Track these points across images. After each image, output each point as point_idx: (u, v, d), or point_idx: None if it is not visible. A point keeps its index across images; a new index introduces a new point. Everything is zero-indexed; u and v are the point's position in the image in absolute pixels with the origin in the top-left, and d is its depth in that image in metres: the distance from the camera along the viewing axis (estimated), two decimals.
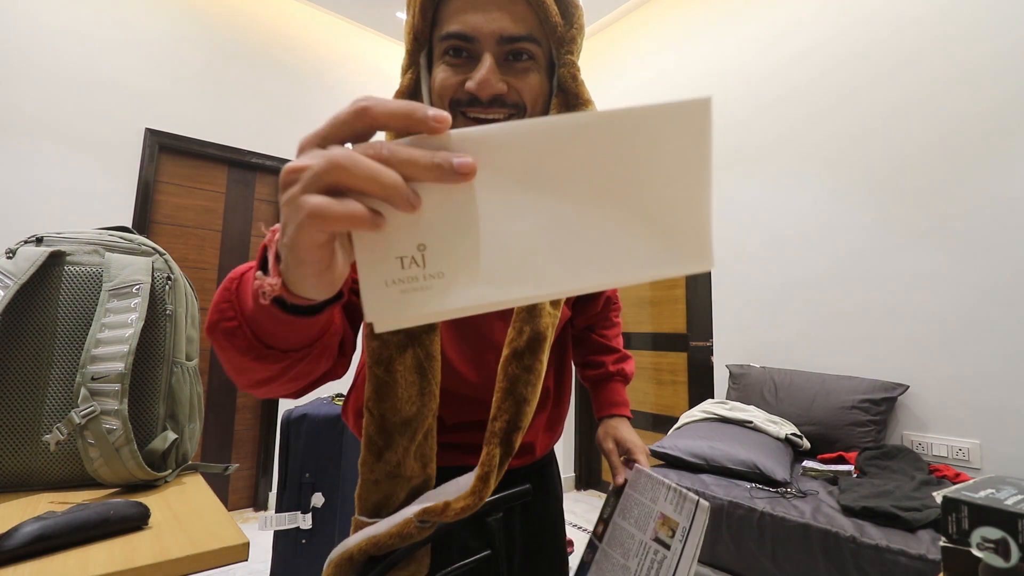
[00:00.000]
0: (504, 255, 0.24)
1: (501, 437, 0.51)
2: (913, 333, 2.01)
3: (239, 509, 2.88)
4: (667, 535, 0.62)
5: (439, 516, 0.48)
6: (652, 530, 0.64)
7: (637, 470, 0.71)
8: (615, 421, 0.81)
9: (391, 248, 0.24)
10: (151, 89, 2.67)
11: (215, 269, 2.89)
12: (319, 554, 1.48)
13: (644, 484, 0.69)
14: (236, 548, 0.58)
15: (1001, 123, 1.87)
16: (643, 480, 0.69)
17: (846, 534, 1.38)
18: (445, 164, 0.23)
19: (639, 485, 0.69)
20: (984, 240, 1.87)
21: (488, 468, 0.50)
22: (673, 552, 0.60)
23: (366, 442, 0.52)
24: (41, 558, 0.52)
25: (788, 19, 2.53)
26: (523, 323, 0.54)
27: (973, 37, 1.95)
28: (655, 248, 0.24)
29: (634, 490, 0.70)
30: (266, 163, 3.03)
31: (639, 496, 0.68)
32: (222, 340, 0.38)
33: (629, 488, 0.71)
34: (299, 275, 0.27)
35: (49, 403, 0.75)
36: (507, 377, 0.53)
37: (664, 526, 0.63)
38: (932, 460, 1.88)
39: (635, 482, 0.70)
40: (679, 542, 0.61)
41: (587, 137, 0.24)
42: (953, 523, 0.54)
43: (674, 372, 3.00)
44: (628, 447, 0.76)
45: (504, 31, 0.48)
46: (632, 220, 0.24)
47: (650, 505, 0.66)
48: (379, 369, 0.51)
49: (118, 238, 0.86)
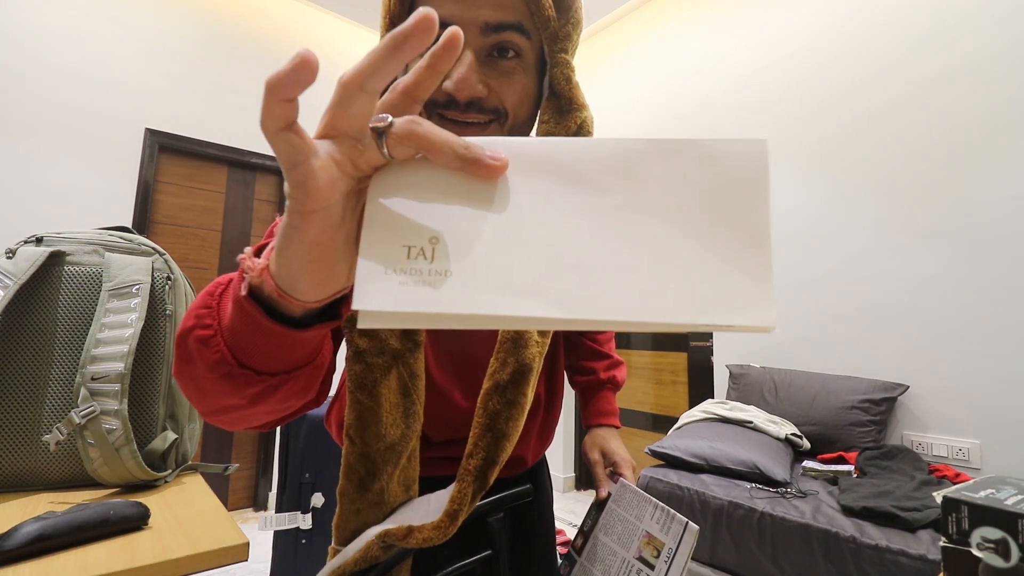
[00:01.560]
0: (522, 265, 0.22)
1: (475, 475, 0.48)
2: (913, 333, 2.01)
3: (239, 509, 2.87)
4: (652, 555, 0.60)
5: (400, 541, 0.46)
6: (636, 548, 0.62)
7: (622, 484, 0.69)
8: (604, 431, 0.79)
9: (401, 232, 0.22)
10: (151, 89, 2.67)
11: (215, 269, 2.89)
12: (319, 554, 1.48)
13: (629, 500, 0.67)
14: (236, 548, 0.58)
15: (1001, 122, 1.86)
16: (628, 496, 0.67)
17: (846, 534, 1.38)
18: (477, 153, 0.22)
19: (624, 500, 0.67)
20: (984, 240, 1.87)
21: (458, 506, 0.47)
22: (658, 572, 0.58)
23: (346, 471, 0.48)
24: (41, 558, 0.52)
25: (785, 17, 2.53)
26: (507, 354, 0.51)
27: (971, 34, 1.95)
28: (704, 292, 0.21)
29: (618, 505, 0.67)
30: (266, 163, 3.03)
31: (623, 512, 0.66)
32: (192, 350, 0.33)
33: (613, 503, 0.68)
34: (292, 252, 0.24)
35: (49, 403, 0.75)
36: (487, 412, 0.50)
37: (649, 545, 0.61)
38: (932, 460, 1.88)
39: (620, 497, 0.68)
40: (664, 563, 0.58)
41: (632, 161, 0.22)
42: (953, 523, 0.54)
43: (674, 372, 3.00)
44: (614, 459, 0.74)
45: (488, 19, 0.43)
46: (678, 257, 0.21)
47: (635, 523, 0.64)
48: (362, 395, 0.47)
49: (118, 238, 0.86)
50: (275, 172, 3.11)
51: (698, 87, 2.91)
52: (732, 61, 2.75)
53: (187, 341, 0.33)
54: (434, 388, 0.56)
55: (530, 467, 0.69)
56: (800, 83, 2.45)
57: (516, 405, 0.50)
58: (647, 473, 1.93)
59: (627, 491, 0.68)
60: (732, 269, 0.21)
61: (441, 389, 0.57)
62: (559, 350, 0.73)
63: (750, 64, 2.67)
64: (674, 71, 3.05)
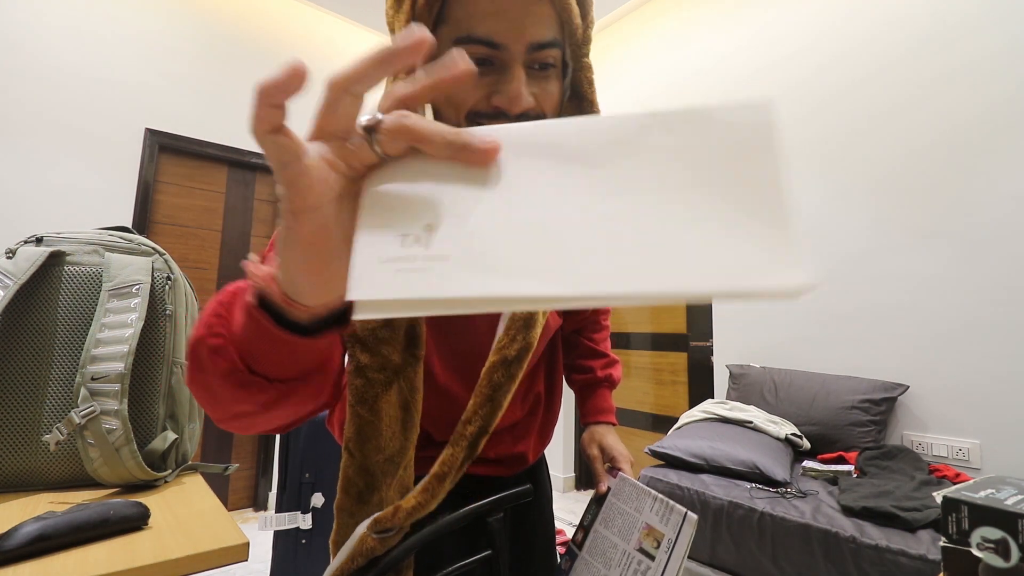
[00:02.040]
0: (519, 245, 0.21)
1: (469, 440, 0.50)
2: (913, 333, 2.01)
3: (239, 509, 2.87)
4: (652, 546, 0.61)
5: (391, 521, 0.46)
6: (636, 540, 0.62)
7: (621, 479, 0.70)
8: (601, 428, 0.80)
9: (395, 221, 0.22)
10: (151, 89, 2.67)
11: (215, 269, 2.89)
12: (319, 554, 1.48)
13: (628, 493, 0.68)
14: (236, 548, 0.58)
15: (1001, 122, 1.86)
16: (627, 489, 0.68)
17: (846, 534, 1.38)
18: (467, 139, 0.22)
19: (623, 494, 0.68)
20: (984, 240, 1.87)
21: (447, 468, 0.48)
22: (658, 563, 0.59)
23: (344, 484, 0.48)
24: (41, 558, 0.52)
25: (785, 17, 2.53)
26: (518, 331, 0.53)
27: (971, 34, 1.95)
28: (715, 258, 0.19)
29: (618, 499, 0.68)
30: (266, 163, 3.02)
31: (623, 505, 0.67)
32: (205, 359, 0.33)
33: (612, 497, 0.69)
34: (290, 253, 0.25)
35: (49, 403, 0.75)
36: (491, 384, 0.52)
37: (649, 536, 0.61)
38: (932, 460, 1.88)
39: (619, 491, 0.69)
40: (664, 553, 0.59)
41: (629, 135, 0.21)
42: (953, 523, 0.54)
43: (674, 372, 3.00)
44: (613, 455, 0.75)
45: (535, 39, 0.44)
46: (684, 227, 0.20)
47: (634, 515, 0.65)
48: (363, 409, 0.47)
49: (118, 238, 0.86)
50: None
51: (698, 87, 2.91)
52: (732, 61, 2.75)
53: (199, 350, 0.33)
54: (437, 388, 0.56)
55: (530, 466, 0.69)
56: (800, 83, 2.45)
57: (514, 379, 0.52)
58: (647, 473, 1.93)
59: (626, 484, 0.69)
60: (746, 233, 0.19)
61: (444, 389, 0.57)
62: (558, 349, 0.73)
63: (750, 64, 2.67)
64: (674, 71, 3.05)
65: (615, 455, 0.75)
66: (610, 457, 0.75)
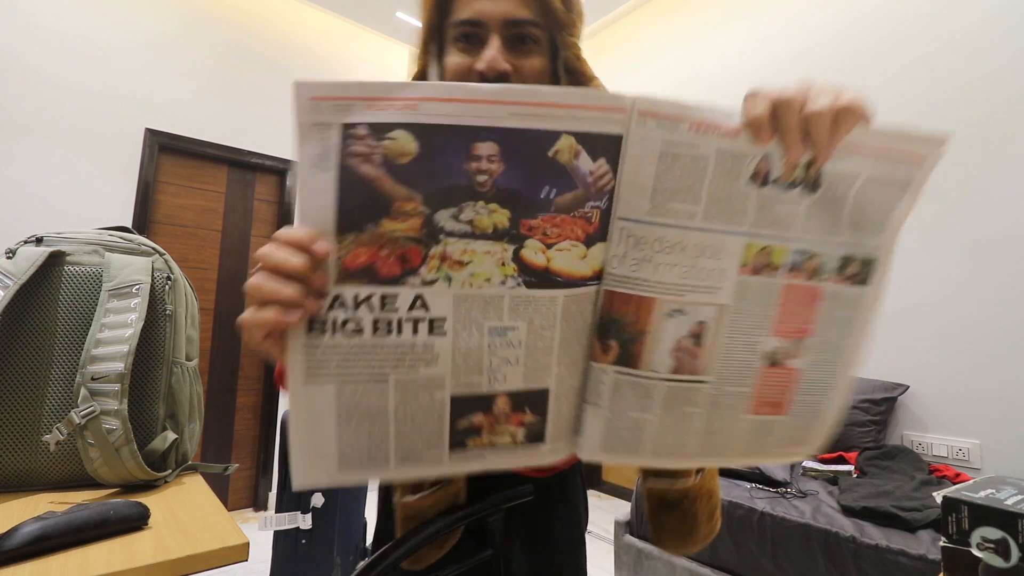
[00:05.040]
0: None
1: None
2: (913, 333, 2.01)
3: (239, 509, 2.87)
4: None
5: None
6: None
7: None
8: None
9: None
10: (151, 89, 2.67)
11: (215, 269, 2.89)
12: (319, 554, 1.48)
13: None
14: (236, 548, 0.58)
15: (1002, 122, 1.86)
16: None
17: (846, 534, 1.38)
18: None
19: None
20: (985, 240, 1.87)
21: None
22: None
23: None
24: (41, 558, 0.52)
25: (786, 18, 2.53)
26: None
27: (977, 38, 1.95)
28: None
29: None
30: (266, 163, 3.03)
31: None
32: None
33: None
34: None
35: (49, 403, 0.75)
36: None
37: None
38: (932, 460, 1.88)
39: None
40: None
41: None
42: (953, 523, 0.54)
43: None
44: None
45: (509, 14, 0.52)
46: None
47: None
48: None
49: (118, 238, 0.86)
50: (275, 172, 3.11)
51: (698, 87, 2.90)
52: (732, 61, 2.75)
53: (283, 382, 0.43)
54: None
55: (560, 470, 0.66)
56: None
57: None
58: None
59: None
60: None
61: None
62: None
63: (750, 65, 2.67)
64: (674, 71, 3.05)
65: None
66: None
